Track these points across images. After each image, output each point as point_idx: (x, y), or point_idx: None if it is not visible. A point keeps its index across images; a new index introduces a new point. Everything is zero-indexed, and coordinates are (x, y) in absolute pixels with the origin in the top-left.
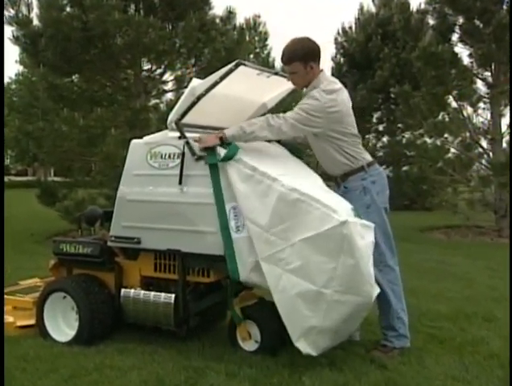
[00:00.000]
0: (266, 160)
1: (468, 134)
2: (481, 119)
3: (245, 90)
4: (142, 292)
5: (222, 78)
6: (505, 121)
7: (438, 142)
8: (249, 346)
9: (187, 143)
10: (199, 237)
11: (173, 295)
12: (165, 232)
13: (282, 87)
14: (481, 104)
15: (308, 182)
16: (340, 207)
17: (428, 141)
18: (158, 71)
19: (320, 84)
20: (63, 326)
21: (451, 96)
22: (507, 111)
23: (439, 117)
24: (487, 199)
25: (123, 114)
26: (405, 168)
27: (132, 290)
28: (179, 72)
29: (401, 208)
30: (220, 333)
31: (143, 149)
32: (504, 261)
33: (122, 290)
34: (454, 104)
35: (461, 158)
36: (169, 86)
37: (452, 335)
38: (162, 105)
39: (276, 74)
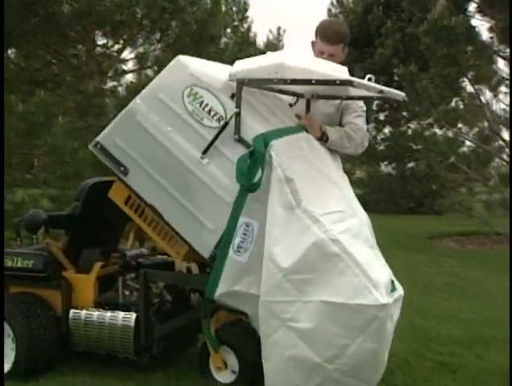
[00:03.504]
0: (321, 185)
1: (486, 124)
2: (502, 106)
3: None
4: (96, 313)
5: (319, 82)
6: None
7: (450, 134)
8: (225, 377)
9: (238, 115)
10: (193, 223)
11: (134, 315)
12: (161, 187)
13: None
14: (503, 88)
15: (358, 233)
16: (382, 280)
17: (438, 132)
18: (116, 47)
19: None
20: None
21: (466, 79)
22: None
23: (452, 104)
24: (508, 200)
25: (72, 98)
26: (411, 164)
27: (83, 311)
28: (141, 49)
29: (405, 212)
30: (189, 361)
31: (186, 78)
32: None
33: (71, 311)
34: (470, 89)
35: (478, 153)
36: (129, 66)
37: (466, 363)
38: (121, 89)
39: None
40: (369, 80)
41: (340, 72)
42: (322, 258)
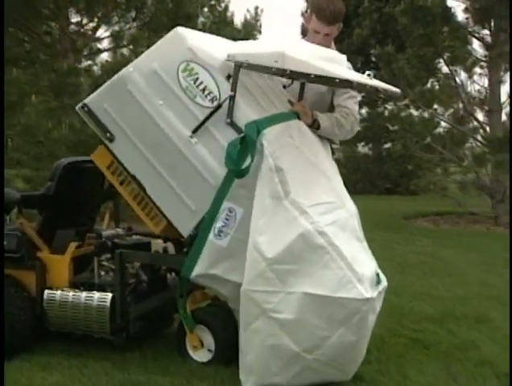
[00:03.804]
0: (310, 176)
1: (461, 105)
2: (477, 87)
3: None
4: (71, 293)
5: (318, 77)
6: (505, 90)
7: (426, 114)
8: (201, 356)
9: (232, 98)
10: (175, 201)
11: (109, 295)
12: (146, 160)
13: None
14: (477, 69)
15: (345, 225)
16: (367, 273)
17: (414, 113)
18: (91, 25)
19: None
20: None
21: (441, 60)
22: (507, 77)
23: (428, 85)
24: (482, 181)
25: (46, 77)
26: (387, 145)
27: (59, 292)
28: (116, 27)
29: (382, 192)
30: (165, 341)
31: (183, 52)
32: (501, 254)
33: (46, 292)
34: (445, 69)
35: (453, 133)
36: (104, 44)
37: (439, 339)
38: (96, 68)
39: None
40: (368, 76)
41: (340, 64)
42: (307, 250)
